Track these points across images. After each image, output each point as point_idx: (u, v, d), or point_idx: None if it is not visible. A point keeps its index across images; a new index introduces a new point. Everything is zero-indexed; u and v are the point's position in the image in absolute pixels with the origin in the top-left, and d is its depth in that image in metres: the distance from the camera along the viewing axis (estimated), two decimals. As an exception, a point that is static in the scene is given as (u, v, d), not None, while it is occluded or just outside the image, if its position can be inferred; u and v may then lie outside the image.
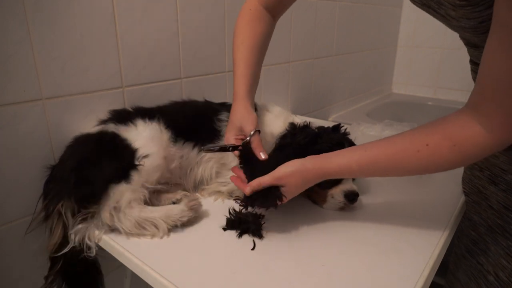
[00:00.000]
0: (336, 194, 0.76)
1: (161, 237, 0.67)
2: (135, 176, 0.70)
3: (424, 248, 0.65)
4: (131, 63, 0.88)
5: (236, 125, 0.75)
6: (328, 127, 0.83)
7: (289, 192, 0.66)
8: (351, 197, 0.76)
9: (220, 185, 0.84)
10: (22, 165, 0.72)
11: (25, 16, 0.68)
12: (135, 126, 0.77)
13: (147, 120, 0.79)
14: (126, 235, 0.67)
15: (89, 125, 0.80)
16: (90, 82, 0.80)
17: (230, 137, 0.76)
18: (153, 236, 0.67)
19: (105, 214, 0.67)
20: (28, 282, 0.66)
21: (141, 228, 0.66)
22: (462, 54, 0.71)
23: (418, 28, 2.20)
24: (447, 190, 0.88)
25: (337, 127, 0.83)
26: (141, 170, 0.71)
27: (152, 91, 0.94)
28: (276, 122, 0.85)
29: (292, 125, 0.84)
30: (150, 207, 0.70)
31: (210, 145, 0.79)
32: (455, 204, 0.81)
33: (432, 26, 2.06)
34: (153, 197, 0.76)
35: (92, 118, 0.82)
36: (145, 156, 0.72)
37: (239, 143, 0.74)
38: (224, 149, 0.74)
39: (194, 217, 0.71)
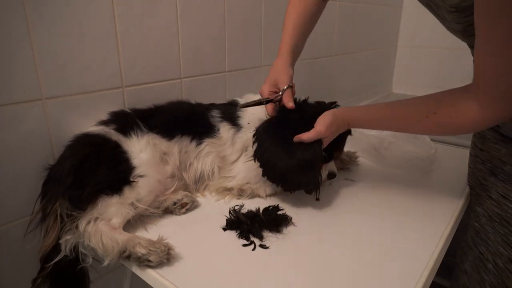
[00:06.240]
0: (322, 172, 0.83)
1: (110, 260, 0.61)
2: (126, 191, 0.70)
3: (424, 249, 0.65)
4: (131, 63, 0.87)
5: (272, 78, 0.82)
6: (323, 102, 0.88)
7: (328, 140, 0.77)
8: (332, 176, 0.87)
9: (225, 180, 0.84)
10: (22, 165, 0.72)
11: (25, 15, 0.68)
12: (136, 139, 0.77)
13: (144, 131, 0.79)
14: (87, 243, 0.64)
15: (89, 125, 0.80)
16: (90, 82, 0.80)
17: (265, 90, 0.81)
18: (105, 253, 0.62)
19: (84, 220, 0.65)
20: (28, 282, 0.66)
21: (100, 243, 0.62)
22: (462, 54, 0.73)
23: (418, 28, 2.19)
24: (448, 191, 0.88)
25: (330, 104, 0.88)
26: (135, 187, 0.70)
27: (152, 91, 0.94)
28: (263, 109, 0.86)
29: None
30: (121, 231, 0.66)
31: (245, 102, 0.82)
32: (455, 206, 0.81)
33: (432, 26, 2.04)
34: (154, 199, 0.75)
35: (92, 118, 0.81)
36: (141, 176, 0.72)
37: (272, 97, 0.80)
38: (259, 103, 0.80)
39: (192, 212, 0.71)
